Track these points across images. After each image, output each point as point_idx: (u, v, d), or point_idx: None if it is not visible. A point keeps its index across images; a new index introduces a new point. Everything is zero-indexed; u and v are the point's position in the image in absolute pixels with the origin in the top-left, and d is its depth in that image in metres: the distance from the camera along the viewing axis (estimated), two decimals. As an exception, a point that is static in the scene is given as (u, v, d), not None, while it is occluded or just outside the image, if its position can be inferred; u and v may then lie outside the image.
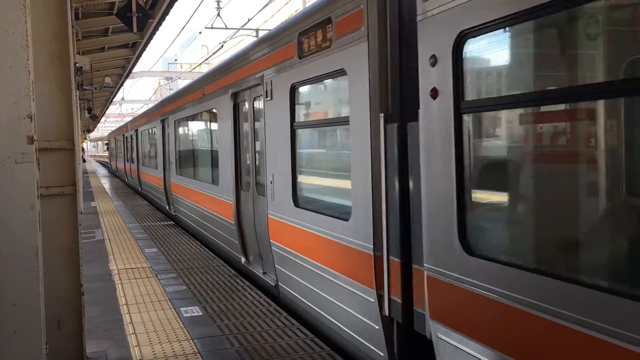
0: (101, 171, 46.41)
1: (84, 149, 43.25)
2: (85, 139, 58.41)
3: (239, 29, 20.76)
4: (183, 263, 8.97)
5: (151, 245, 10.71)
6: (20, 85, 3.21)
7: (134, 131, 23.37)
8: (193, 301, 6.79)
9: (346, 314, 5.05)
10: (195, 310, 6.40)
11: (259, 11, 17.88)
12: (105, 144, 56.29)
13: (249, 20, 19.92)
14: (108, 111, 51.29)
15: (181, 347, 5.28)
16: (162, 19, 13.83)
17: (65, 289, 4.19)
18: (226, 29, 19.71)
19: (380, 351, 4.46)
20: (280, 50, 6.29)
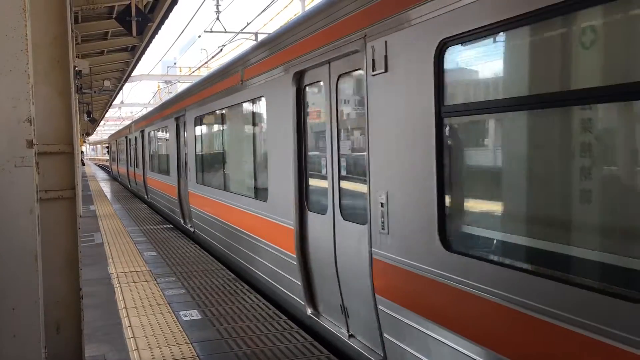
0: (100, 175, 46.39)
1: (83, 152, 43.16)
2: (85, 142, 58.39)
3: (238, 33, 20.79)
4: (182, 267, 8.96)
5: (150, 248, 10.71)
6: (20, 89, 3.22)
7: (139, 132, 21.18)
8: (192, 305, 6.78)
9: None
10: (194, 314, 6.40)
11: (258, 15, 17.93)
12: (106, 147, 55.15)
13: (248, 24, 19.95)
14: (107, 114, 51.33)
15: (180, 351, 5.28)
16: (162, 22, 13.88)
17: (65, 292, 4.19)
18: (225, 32, 19.75)
19: None
20: None
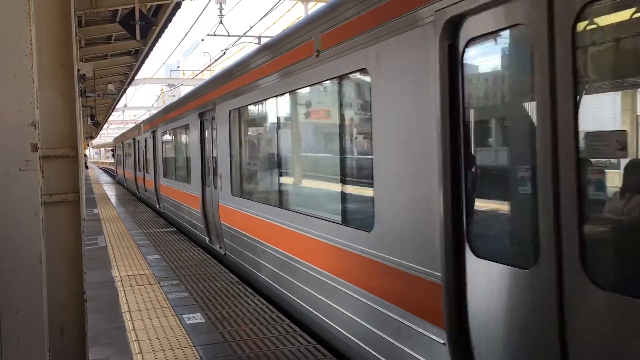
0: (104, 178, 46.46)
1: (87, 156, 43.12)
2: (88, 145, 58.51)
3: (241, 36, 20.83)
4: (185, 270, 8.97)
5: (153, 252, 10.72)
6: (24, 93, 3.23)
7: (150, 133, 18.81)
8: (195, 308, 6.79)
9: None
10: (198, 317, 6.40)
11: (261, 19, 17.95)
12: (110, 151, 53.88)
13: (251, 27, 19.99)
14: (110, 118, 51.45)
15: (184, 354, 5.28)
16: (165, 26, 13.92)
17: (68, 296, 4.19)
18: (228, 36, 19.77)
19: None
20: None
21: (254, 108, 8.12)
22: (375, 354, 4.45)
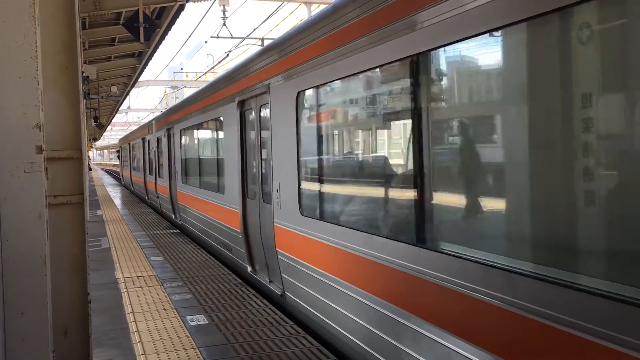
0: (107, 180, 46.54)
1: (90, 158, 43.05)
2: (92, 147, 58.63)
3: (245, 38, 20.87)
4: (189, 271, 8.98)
5: (157, 253, 10.74)
6: (29, 95, 3.25)
7: (164, 132, 16.19)
8: (199, 309, 6.80)
9: None
10: (201, 319, 6.41)
11: (264, 21, 17.99)
12: (116, 152, 52.37)
13: (255, 29, 20.03)
14: (114, 120, 51.56)
15: (187, 356, 5.29)
16: (168, 28, 13.94)
17: (73, 297, 4.21)
18: (232, 38, 19.80)
19: None
20: None
21: (355, 84, 5.10)
22: None
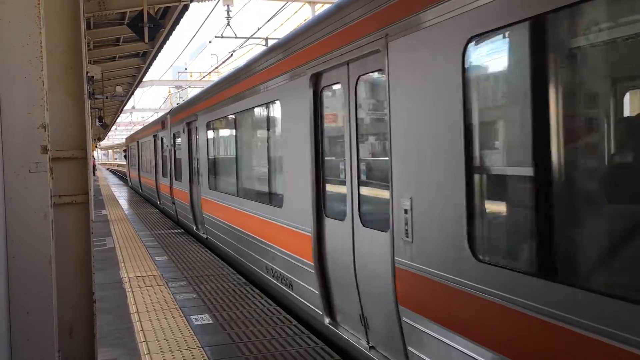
0: (112, 179, 46.66)
1: (95, 157, 42.90)
2: (97, 147, 58.79)
3: (249, 38, 20.88)
4: (193, 271, 8.99)
5: (161, 253, 10.76)
6: (34, 95, 3.26)
7: (184, 126, 13.54)
8: (203, 309, 6.81)
9: None
10: (206, 318, 6.42)
11: (268, 20, 18.00)
12: (123, 152, 50.88)
13: (259, 29, 20.04)
14: (118, 120, 51.69)
15: (192, 355, 5.30)
16: (173, 28, 13.96)
17: (78, 296, 4.22)
18: (236, 38, 19.82)
19: None
20: None
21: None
22: None
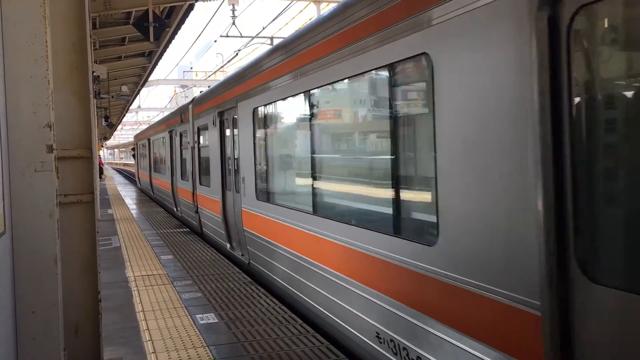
0: (118, 179, 46.78)
1: (101, 157, 42.65)
2: (102, 146, 58.93)
3: (254, 37, 20.89)
4: (198, 270, 9.00)
5: (167, 252, 10.77)
6: (40, 95, 3.27)
7: (213, 117, 10.57)
8: (208, 308, 6.81)
9: None
10: (211, 317, 6.42)
11: (273, 20, 18.00)
12: (131, 150, 49.18)
13: (264, 28, 20.04)
14: (124, 119, 51.81)
15: (197, 354, 5.30)
16: (178, 28, 13.98)
17: (83, 295, 4.23)
18: (241, 37, 19.83)
19: None
20: None
21: None
22: None
